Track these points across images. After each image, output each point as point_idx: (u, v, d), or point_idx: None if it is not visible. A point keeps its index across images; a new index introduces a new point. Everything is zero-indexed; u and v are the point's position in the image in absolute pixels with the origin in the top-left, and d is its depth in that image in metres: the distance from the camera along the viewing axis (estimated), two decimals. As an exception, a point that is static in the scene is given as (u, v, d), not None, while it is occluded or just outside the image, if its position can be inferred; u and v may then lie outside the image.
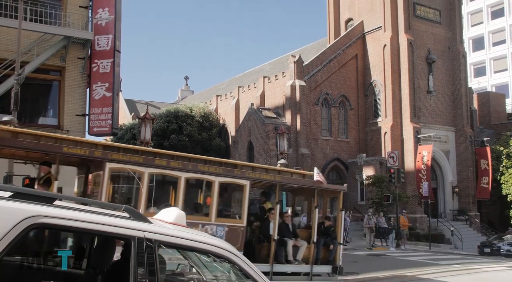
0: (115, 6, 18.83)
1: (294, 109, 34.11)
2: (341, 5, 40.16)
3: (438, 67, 37.30)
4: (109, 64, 18.61)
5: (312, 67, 35.36)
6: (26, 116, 18.48)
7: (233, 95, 41.92)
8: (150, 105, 38.51)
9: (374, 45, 36.83)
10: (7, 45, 17.67)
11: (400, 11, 35.64)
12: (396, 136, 34.68)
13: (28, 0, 17.94)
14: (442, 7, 38.41)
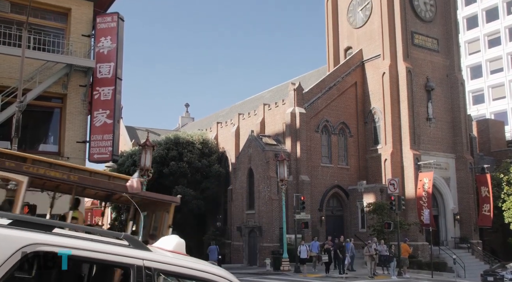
0: (117, 34, 19.10)
1: (294, 137, 34.19)
2: (340, 34, 40.71)
3: (437, 95, 37.57)
4: (110, 91, 18.76)
5: (312, 95, 35.61)
6: (27, 143, 18.52)
7: (233, 122, 42.08)
8: (151, 132, 38.69)
9: (373, 73, 37.18)
10: (10, 73, 17.87)
11: (398, 40, 36.12)
12: (396, 163, 34.66)
13: (32, 29, 18.25)
14: (440, 36, 38.95)
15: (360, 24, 38.90)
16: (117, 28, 19.15)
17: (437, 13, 39.13)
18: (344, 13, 40.50)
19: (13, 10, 18.61)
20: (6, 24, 17.96)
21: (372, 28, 37.68)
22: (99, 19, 19.42)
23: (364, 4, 38.64)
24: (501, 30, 58.21)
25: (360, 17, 39.00)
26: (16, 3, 18.55)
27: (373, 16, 37.63)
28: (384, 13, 36.50)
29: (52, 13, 19.61)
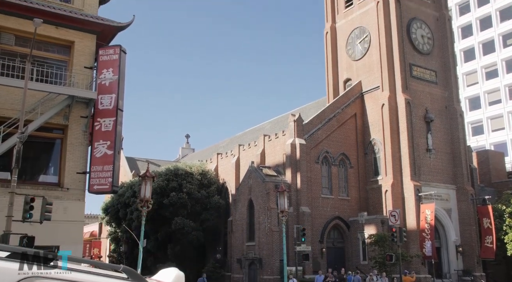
0: (119, 66, 19.35)
1: (295, 168, 34.16)
2: (340, 66, 41.20)
3: (436, 126, 37.73)
4: (111, 122, 18.87)
5: (312, 126, 35.77)
6: (27, 174, 18.53)
7: (233, 153, 42.13)
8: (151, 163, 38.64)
9: (372, 104, 37.44)
10: (12, 104, 18.02)
11: (397, 72, 36.53)
12: (397, 194, 34.51)
13: (35, 61, 18.51)
14: (438, 68, 39.42)
15: (359, 56, 39.41)
16: (119, 60, 19.42)
17: (434, 46, 39.71)
18: (343, 45, 41.09)
19: (18, 43, 18.94)
20: (10, 56, 18.23)
21: (371, 60, 38.17)
22: (101, 52, 19.71)
23: (362, 37, 39.26)
24: (498, 62, 58.94)
25: (359, 49, 39.56)
26: (21, 36, 18.89)
27: (372, 49, 38.17)
28: (383, 45, 37.04)
29: (56, 46, 19.93)
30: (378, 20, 37.75)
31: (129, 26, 20.79)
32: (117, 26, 20.64)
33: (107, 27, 20.47)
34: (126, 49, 19.88)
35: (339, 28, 41.91)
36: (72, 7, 20.26)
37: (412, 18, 38.69)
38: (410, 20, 38.43)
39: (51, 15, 18.95)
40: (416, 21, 38.89)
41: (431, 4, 40.85)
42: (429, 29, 39.66)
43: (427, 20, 39.86)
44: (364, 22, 39.28)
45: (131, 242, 39.57)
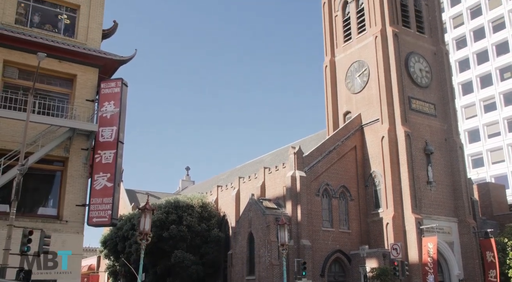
0: (120, 99, 19.54)
1: (295, 200, 34.00)
2: (339, 99, 41.55)
3: (437, 158, 37.76)
4: (112, 155, 18.93)
5: (312, 158, 35.79)
6: (26, 206, 18.45)
7: (233, 185, 42.01)
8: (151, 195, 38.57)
9: (372, 137, 37.57)
10: (13, 137, 18.11)
11: (396, 105, 36.81)
12: (398, 227, 34.21)
13: (38, 94, 18.71)
14: (436, 101, 39.74)
15: (358, 89, 39.81)
16: (121, 93, 19.63)
17: (432, 79, 40.16)
18: (342, 78, 41.56)
19: (21, 76, 19.19)
20: (13, 89, 18.44)
21: (370, 94, 38.53)
22: (103, 85, 19.95)
23: (361, 70, 39.76)
24: (496, 96, 59.51)
25: (358, 83, 39.99)
26: (24, 69, 19.16)
27: (371, 82, 38.59)
28: (381, 79, 37.46)
29: (58, 79, 20.17)
30: (376, 54, 38.31)
31: (131, 59, 21.12)
32: (119, 59, 20.96)
33: (109, 60, 20.78)
34: (127, 82, 20.12)
35: (338, 62, 42.48)
36: (75, 41, 20.63)
37: (410, 52, 39.27)
38: (408, 54, 39.00)
39: (55, 49, 19.28)
40: (414, 55, 39.46)
41: (428, 39, 41.55)
42: (427, 63, 40.21)
43: (425, 54, 40.46)
44: (363, 56, 39.85)
45: (129, 275, 38.99)
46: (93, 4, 21.61)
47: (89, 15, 21.34)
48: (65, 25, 21.11)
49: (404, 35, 39.39)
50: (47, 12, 20.91)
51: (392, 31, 38.23)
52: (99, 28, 21.58)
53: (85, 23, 21.19)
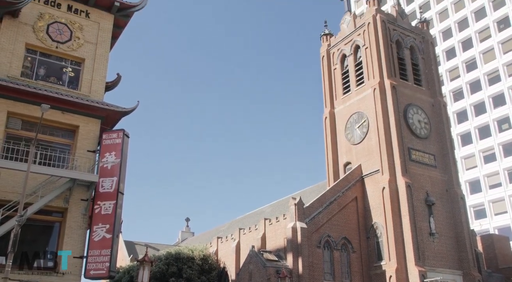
0: (121, 150, 19.69)
1: (296, 252, 33.44)
2: (339, 150, 41.74)
3: (438, 209, 37.46)
4: (111, 205, 18.86)
5: (312, 209, 35.52)
6: (23, 258, 18.15)
7: (234, 237, 41.46)
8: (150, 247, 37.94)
9: (373, 188, 37.44)
10: (13, 187, 18.11)
11: (396, 156, 36.93)
12: (402, 280, 33.44)
13: (40, 145, 18.88)
14: (436, 152, 39.91)
15: (358, 140, 40.07)
16: (122, 144, 19.81)
17: (431, 130, 40.50)
18: (342, 130, 41.92)
19: (24, 127, 19.44)
20: (15, 140, 18.63)
21: (370, 144, 38.75)
22: (105, 136, 20.16)
23: (361, 122, 40.18)
24: (495, 146, 59.84)
25: (357, 134, 40.31)
26: (28, 121, 19.44)
27: (370, 133, 38.90)
28: (381, 130, 37.78)
29: (61, 130, 20.42)
30: (375, 106, 38.84)
31: (134, 111, 21.44)
32: (121, 111, 21.30)
33: (111, 112, 21.11)
34: (129, 133, 20.35)
35: (337, 113, 43.01)
36: (79, 93, 21.04)
37: (409, 104, 39.84)
38: (406, 106, 39.54)
39: (58, 101, 19.64)
40: (413, 107, 40.00)
41: (426, 91, 42.27)
42: (426, 115, 40.69)
43: (423, 106, 41.03)
44: (362, 108, 40.39)
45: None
46: (97, 57, 22.22)
47: (93, 68, 21.91)
48: (70, 78, 21.62)
49: (402, 87, 40.12)
50: (53, 65, 21.48)
51: (390, 83, 38.95)
52: (103, 80, 22.08)
53: (89, 76, 21.70)
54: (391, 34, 41.85)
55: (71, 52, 21.68)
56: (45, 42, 21.22)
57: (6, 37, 20.29)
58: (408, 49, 42.88)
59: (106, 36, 23.05)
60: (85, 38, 22.29)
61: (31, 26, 21.17)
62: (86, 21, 22.70)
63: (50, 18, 21.78)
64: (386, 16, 42.19)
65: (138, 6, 23.83)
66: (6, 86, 18.73)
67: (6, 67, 19.83)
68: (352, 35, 43.35)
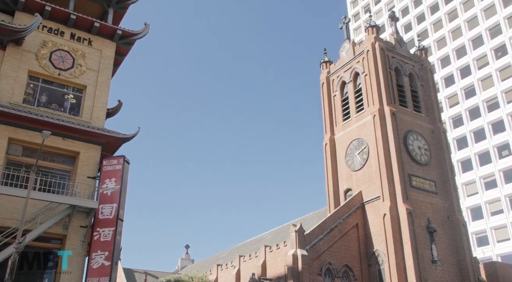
0: (121, 176, 19.67)
1: (297, 280, 32.97)
2: (340, 177, 41.62)
3: (440, 237, 37.11)
4: (110, 232, 18.72)
5: (313, 236, 35.20)
6: (21, 285, 17.93)
7: (234, 264, 40.98)
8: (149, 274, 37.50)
9: (374, 215, 37.19)
10: (12, 214, 18.01)
11: (396, 182, 36.79)
12: (405, 309, 32.88)
13: (40, 171, 18.87)
14: (437, 178, 39.78)
15: (358, 167, 40.00)
16: (122, 170, 19.81)
17: (432, 157, 40.47)
18: (342, 156, 41.91)
19: (24, 153, 19.47)
20: (16, 166, 18.63)
21: (370, 171, 38.67)
22: (105, 162, 20.17)
23: (361, 148, 40.21)
24: (495, 173, 59.70)
25: (358, 160, 40.27)
26: (28, 147, 19.48)
27: (371, 159, 38.87)
28: (381, 156, 37.75)
29: (61, 156, 20.43)
30: (375, 133, 38.91)
31: (134, 137, 21.51)
32: (122, 137, 21.36)
33: (112, 138, 21.18)
34: (129, 160, 20.37)
35: (338, 140, 43.07)
36: (80, 119, 21.15)
37: (408, 131, 39.93)
38: (406, 132, 39.63)
39: (60, 127, 19.73)
40: (412, 133, 40.09)
41: (425, 118, 42.43)
42: (426, 141, 40.74)
43: (423, 132, 41.12)
44: (362, 134, 40.47)
45: None
46: (99, 84, 22.43)
47: (94, 95, 22.08)
48: (71, 104, 21.77)
49: (401, 114, 40.28)
50: (55, 92, 21.66)
51: (390, 110, 39.13)
52: (104, 107, 22.22)
53: (91, 102, 21.86)
54: (390, 61, 42.29)
55: (73, 79, 21.91)
56: (48, 69, 21.45)
57: (10, 65, 20.53)
58: (407, 76, 43.25)
59: (108, 63, 23.31)
60: (87, 65, 22.55)
61: (34, 53, 21.44)
62: (88, 49, 23.00)
63: (53, 45, 22.09)
64: (384, 44, 42.70)
65: (140, 34, 24.19)
66: (8, 113, 18.84)
67: (8, 94, 20.00)
68: (351, 62, 43.79)
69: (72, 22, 22.71)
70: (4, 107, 18.98)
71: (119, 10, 25.28)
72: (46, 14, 22.08)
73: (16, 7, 21.79)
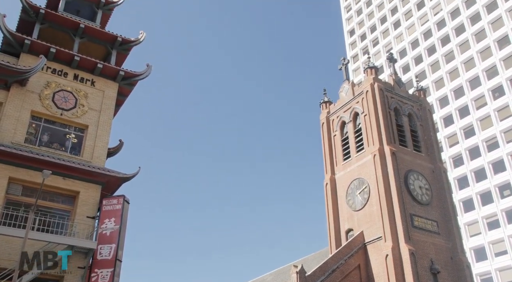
0: (121, 216, 19.55)
1: (298, 324, 32.17)
2: (341, 217, 41.24)
3: (444, 278, 36.39)
4: (108, 274, 18.44)
5: (315, 278, 34.54)
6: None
7: (233, 307, 40.07)
8: (146, 318, 36.42)
9: (376, 255, 36.64)
10: (9, 255, 17.76)
11: (398, 222, 36.43)
12: None
13: (39, 211, 18.76)
14: (439, 218, 39.40)
15: (359, 207, 39.72)
16: (122, 210, 19.70)
17: (433, 196, 40.23)
18: (343, 196, 41.68)
19: (24, 193, 19.41)
20: (15, 206, 18.53)
21: (371, 211, 38.37)
22: (105, 202, 20.08)
23: (362, 188, 40.05)
24: (498, 213, 59.21)
25: (359, 200, 40.03)
26: (28, 187, 19.43)
27: (372, 199, 38.63)
28: (382, 196, 37.54)
29: (61, 196, 20.36)
30: (376, 172, 38.83)
31: (135, 177, 21.49)
32: (122, 177, 21.34)
33: (112, 178, 21.16)
34: (129, 199, 20.28)
35: (338, 179, 42.94)
36: (81, 159, 21.19)
37: (409, 170, 39.87)
38: (407, 172, 39.55)
39: (60, 167, 19.75)
40: (413, 173, 40.01)
41: (425, 157, 42.46)
42: (426, 181, 40.61)
43: (424, 172, 41.05)
44: (363, 174, 40.39)
45: None
46: (101, 124, 22.61)
47: (96, 134, 22.22)
48: (72, 144, 21.87)
49: (402, 153, 40.33)
50: (56, 132, 21.81)
51: (390, 150, 39.21)
52: (105, 147, 22.32)
53: (92, 142, 21.97)
54: (389, 101, 42.73)
55: (75, 119, 22.10)
56: (50, 109, 21.68)
57: (13, 105, 20.77)
58: (406, 116, 43.59)
59: (110, 103, 23.58)
60: (90, 106, 22.80)
61: (38, 94, 21.73)
62: (91, 89, 23.32)
63: (56, 86, 22.41)
64: (383, 85, 43.26)
65: (142, 75, 24.57)
66: (9, 152, 18.92)
67: (10, 134, 20.13)
68: (351, 102, 44.25)
69: (76, 64, 23.13)
70: (6, 147, 19.06)
71: (122, 52, 25.78)
72: (51, 56, 22.53)
73: (22, 49, 22.26)
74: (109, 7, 26.66)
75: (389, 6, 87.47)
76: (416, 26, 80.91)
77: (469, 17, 72.28)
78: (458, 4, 74.36)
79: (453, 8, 75.26)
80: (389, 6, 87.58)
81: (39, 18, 23.56)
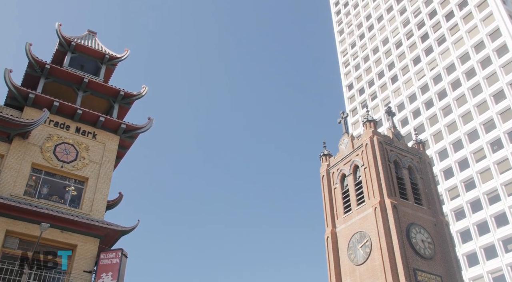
0: (119, 270, 19.15)
1: None
2: (342, 271, 40.29)
3: None
4: (104, 331, 17.83)
5: None
6: None
7: None
8: None
9: (380, 312, 35.56)
10: (3, 311, 17.27)
11: (401, 277, 35.58)
12: None
13: (34, 265, 18.38)
14: (443, 273, 38.52)
15: (361, 261, 38.96)
16: (120, 264, 19.31)
17: (436, 250, 39.55)
18: (344, 249, 40.99)
19: (21, 246, 19.08)
20: (10, 260, 18.18)
21: (373, 265, 37.60)
22: (102, 255, 19.72)
23: (363, 241, 39.45)
24: (503, 268, 57.97)
25: (360, 254, 39.34)
26: (25, 240, 19.14)
27: (373, 253, 37.97)
28: (384, 250, 36.92)
29: (58, 249, 20.00)
30: (377, 225, 38.38)
31: (133, 230, 21.22)
32: (121, 230, 21.07)
33: (111, 231, 20.89)
34: (127, 253, 19.92)
35: (339, 233, 42.37)
36: (80, 212, 21.01)
37: (411, 223, 39.40)
38: (408, 225, 39.08)
39: (59, 220, 19.53)
40: (415, 226, 39.52)
41: (427, 210, 42.09)
42: (429, 234, 40.05)
43: (425, 225, 40.56)
44: (364, 227, 39.91)
45: None
46: (101, 177, 22.57)
47: (96, 187, 22.14)
48: (72, 197, 21.75)
49: (403, 206, 40.02)
50: (56, 184, 21.74)
51: (391, 202, 38.94)
52: (105, 199, 22.18)
53: (91, 194, 21.86)
54: (389, 154, 42.89)
55: (75, 172, 22.10)
56: (51, 162, 21.72)
57: (14, 157, 20.84)
58: (406, 169, 43.60)
59: (111, 156, 23.65)
60: (90, 158, 22.86)
61: (39, 146, 21.84)
62: (92, 142, 23.47)
63: (58, 139, 22.57)
64: (382, 138, 43.58)
65: (144, 128, 24.80)
66: (7, 205, 18.78)
67: (10, 186, 20.07)
68: (350, 155, 44.39)
69: (78, 117, 23.42)
70: (5, 200, 18.95)
71: (124, 105, 26.15)
72: (54, 109, 22.85)
73: (26, 102, 22.60)
74: (113, 62, 27.29)
75: (386, 62, 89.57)
76: (413, 80, 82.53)
77: (464, 72, 73.86)
78: (453, 60, 76.19)
79: (448, 63, 77.07)
80: (386, 61, 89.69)
81: (44, 72, 24.08)
